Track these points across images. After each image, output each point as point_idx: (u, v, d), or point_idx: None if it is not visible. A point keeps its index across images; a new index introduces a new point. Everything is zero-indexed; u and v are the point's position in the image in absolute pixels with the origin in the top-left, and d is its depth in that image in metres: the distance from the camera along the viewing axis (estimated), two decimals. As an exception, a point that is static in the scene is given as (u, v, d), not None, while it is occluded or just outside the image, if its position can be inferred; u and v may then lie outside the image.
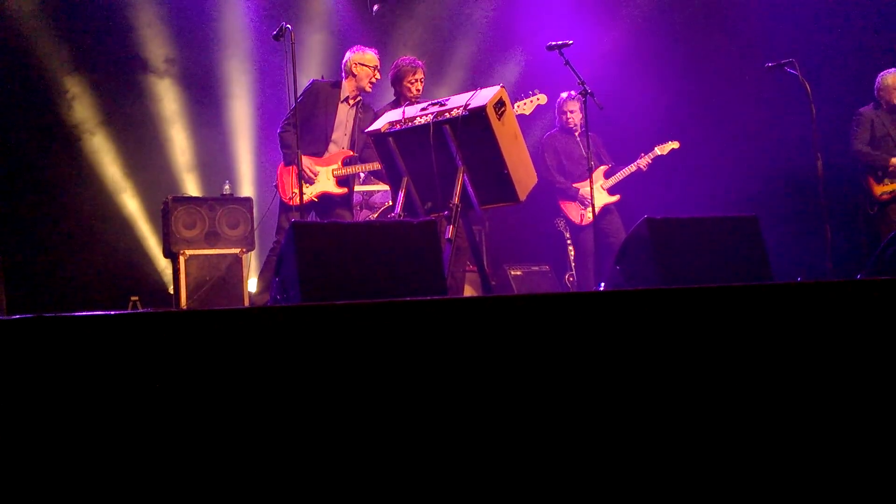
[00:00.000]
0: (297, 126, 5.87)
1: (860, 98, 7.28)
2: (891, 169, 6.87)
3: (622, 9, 8.96)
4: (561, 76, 6.31)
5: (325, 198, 6.17)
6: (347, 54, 6.36)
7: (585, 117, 6.48)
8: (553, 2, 8.78)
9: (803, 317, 2.66)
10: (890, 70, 7.07)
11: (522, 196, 4.81)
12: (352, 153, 6.22)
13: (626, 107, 7.91)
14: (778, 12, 8.11)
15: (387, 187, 7.06)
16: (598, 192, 7.20)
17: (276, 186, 6.31)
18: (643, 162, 7.24)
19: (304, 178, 5.92)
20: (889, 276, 4.27)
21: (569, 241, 7.99)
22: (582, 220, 7.26)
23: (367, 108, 6.37)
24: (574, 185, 7.29)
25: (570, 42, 6.11)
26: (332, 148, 6.23)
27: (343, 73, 6.34)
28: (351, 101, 6.30)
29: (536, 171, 5.36)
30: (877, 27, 7.90)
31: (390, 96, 6.55)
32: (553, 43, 6.14)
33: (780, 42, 7.55)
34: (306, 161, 6.01)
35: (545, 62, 6.77)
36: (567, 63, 6.10)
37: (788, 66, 6.26)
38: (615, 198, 7.32)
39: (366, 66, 6.27)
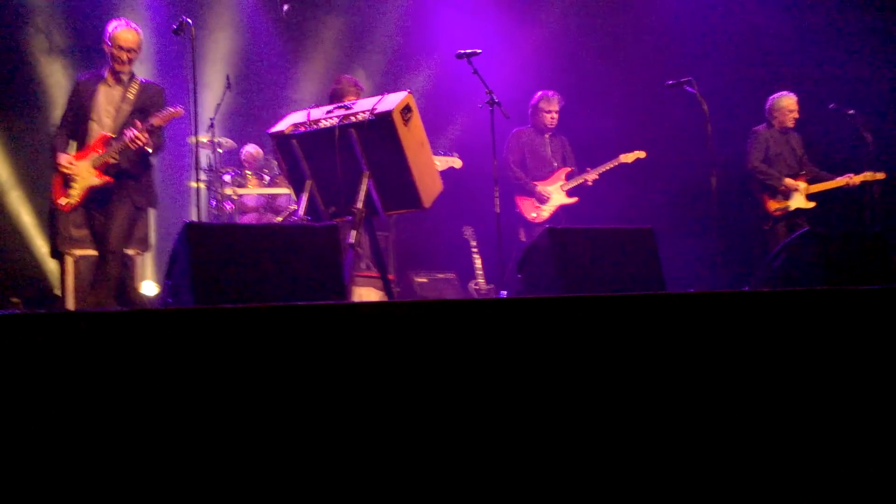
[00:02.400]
0: (68, 127, 5.54)
1: (755, 117, 7.53)
2: (782, 188, 7.13)
3: (535, 22, 9.06)
4: (472, 84, 6.32)
5: (93, 192, 5.51)
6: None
7: (492, 127, 6.43)
8: (465, 12, 8.84)
9: (693, 325, 2.72)
10: (782, 93, 7.30)
11: (427, 203, 4.80)
12: (109, 135, 5.52)
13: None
14: (680, 32, 8.35)
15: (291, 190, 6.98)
16: (558, 192, 7.17)
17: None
18: (590, 176, 7.19)
19: (68, 179, 5.44)
20: (775, 287, 4.42)
21: (474, 250, 8.02)
22: (536, 218, 7.17)
23: (147, 85, 5.69)
24: (533, 182, 7.20)
25: (479, 51, 6.13)
26: (95, 136, 5.58)
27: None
28: (111, 82, 5.61)
29: (497, 164, 5.37)
30: (769, 51, 8.22)
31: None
32: (462, 51, 6.15)
33: (682, 60, 7.77)
34: (66, 158, 5.48)
35: (456, 70, 6.78)
36: (475, 72, 6.11)
37: (687, 85, 6.43)
38: (573, 200, 7.23)
39: (110, 45, 5.56)
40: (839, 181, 7.15)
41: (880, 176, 7.04)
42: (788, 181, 7.12)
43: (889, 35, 8.01)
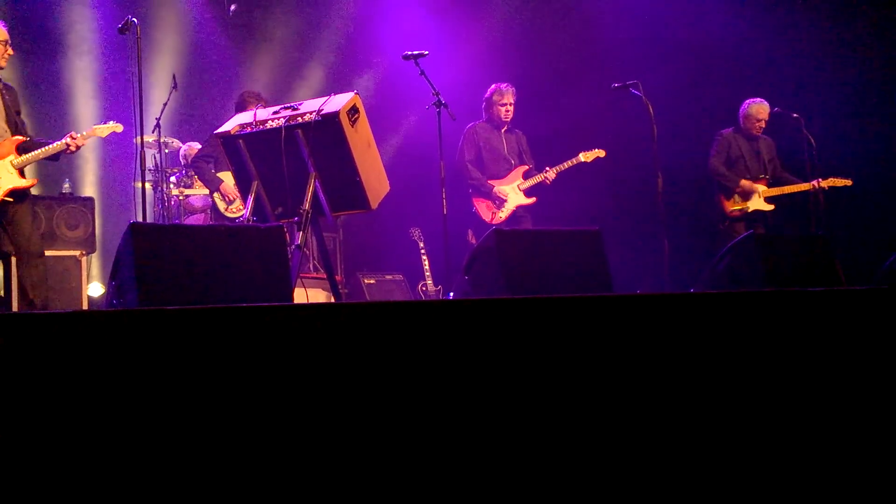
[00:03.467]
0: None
1: (704, 119, 7.66)
2: (738, 190, 7.26)
3: (484, 23, 9.09)
4: (419, 85, 6.32)
5: (16, 194, 5.35)
6: None
7: (439, 128, 6.39)
8: (414, 12, 8.83)
9: (640, 327, 2.75)
10: (755, 100, 7.41)
11: (374, 204, 4.80)
12: (25, 137, 5.43)
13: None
14: (627, 34, 8.44)
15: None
16: (515, 192, 6.99)
17: None
18: (549, 175, 6.99)
19: None
20: (721, 289, 4.49)
21: (422, 251, 8.03)
22: (493, 219, 6.92)
23: (8, 87, 5.53)
24: (489, 182, 6.98)
25: (426, 52, 6.14)
26: None
27: None
28: None
29: (451, 163, 5.25)
30: (717, 54, 8.35)
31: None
32: (409, 53, 6.15)
33: (630, 62, 7.86)
34: None
35: (404, 71, 6.78)
36: (422, 73, 6.13)
37: (633, 87, 6.50)
38: (531, 200, 7.02)
39: None
40: (803, 186, 7.29)
41: (847, 182, 7.19)
42: (744, 182, 7.26)
43: (836, 39, 8.19)
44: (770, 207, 7.29)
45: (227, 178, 6.77)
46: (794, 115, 7.24)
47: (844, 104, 7.93)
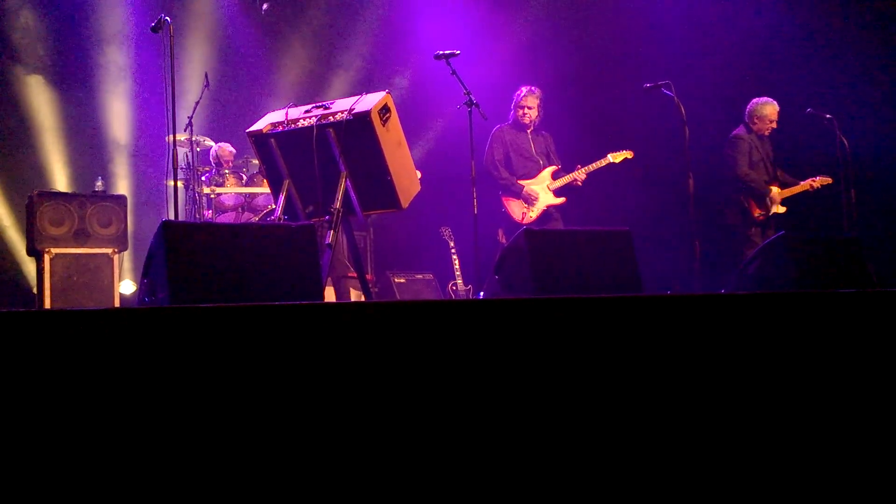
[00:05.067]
0: None
1: (733, 120, 7.59)
2: (771, 196, 7.17)
3: (515, 23, 9.08)
4: (451, 84, 6.32)
5: None
6: None
7: (470, 128, 6.40)
8: (445, 12, 8.84)
9: (670, 327, 2.73)
10: (765, 99, 7.28)
11: (405, 203, 4.80)
12: None
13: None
14: (659, 35, 8.39)
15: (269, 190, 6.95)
16: (545, 192, 7.04)
17: None
18: (580, 175, 7.01)
19: None
20: (750, 291, 4.46)
21: (453, 251, 8.03)
22: (523, 219, 6.98)
23: None
24: (519, 182, 7.04)
25: (458, 52, 6.13)
26: None
27: None
28: None
29: (481, 163, 5.19)
30: (748, 54, 8.28)
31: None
32: (440, 52, 6.14)
33: (662, 62, 7.81)
34: None
35: (435, 70, 6.78)
36: (454, 73, 6.12)
37: (665, 88, 6.45)
38: (561, 200, 7.06)
39: None
40: (803, 185, 7.21)
41: (827, 180, 7.12)
42: (774, 189, 7.18)
43: (869, 40, 8.09)
44: (783, 210, 7.20)
45: None
46: (828, 116, 7.14)
47: (878, 105, 7.83)
